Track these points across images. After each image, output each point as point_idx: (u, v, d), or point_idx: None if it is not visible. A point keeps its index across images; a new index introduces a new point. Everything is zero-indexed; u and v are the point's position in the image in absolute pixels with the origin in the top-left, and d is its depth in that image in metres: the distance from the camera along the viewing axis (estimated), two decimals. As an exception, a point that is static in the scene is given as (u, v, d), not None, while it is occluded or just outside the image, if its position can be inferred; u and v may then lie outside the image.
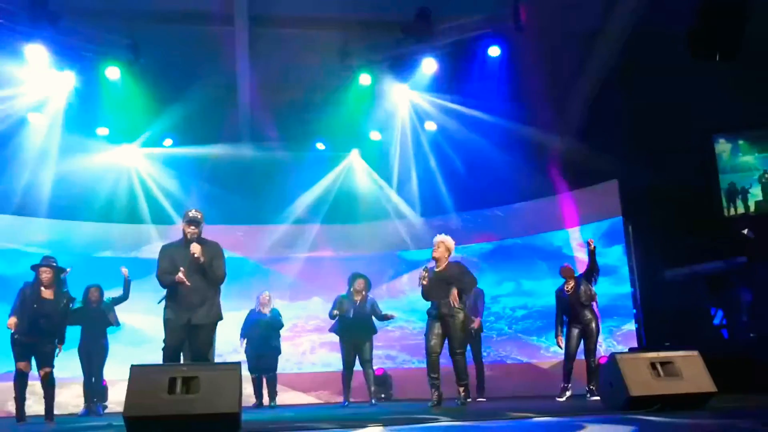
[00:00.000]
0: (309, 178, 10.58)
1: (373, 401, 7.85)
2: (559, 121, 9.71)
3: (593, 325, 7.18)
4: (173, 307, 5.19)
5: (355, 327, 7.81)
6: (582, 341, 7.19)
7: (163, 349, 5.16)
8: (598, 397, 7.01)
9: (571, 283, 7.25)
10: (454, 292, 6.33)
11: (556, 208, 9.80)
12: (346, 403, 7.76)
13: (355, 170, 10.77)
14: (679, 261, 8.10)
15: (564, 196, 9.70)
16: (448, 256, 6.60)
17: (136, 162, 10.18)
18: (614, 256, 9.15)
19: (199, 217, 5.35)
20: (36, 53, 8.24)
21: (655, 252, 8.50)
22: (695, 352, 4.56)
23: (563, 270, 7.39)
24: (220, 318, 5.36)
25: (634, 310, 8.83)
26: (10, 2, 7.84)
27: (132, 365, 3.90)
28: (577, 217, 9.67)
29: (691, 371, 4.42)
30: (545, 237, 9.98)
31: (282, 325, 8.69)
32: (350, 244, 10.77)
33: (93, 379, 8.15)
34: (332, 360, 9.31)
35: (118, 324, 8.36)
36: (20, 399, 6.57)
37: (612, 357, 4.57)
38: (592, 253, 7.07)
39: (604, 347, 8.79)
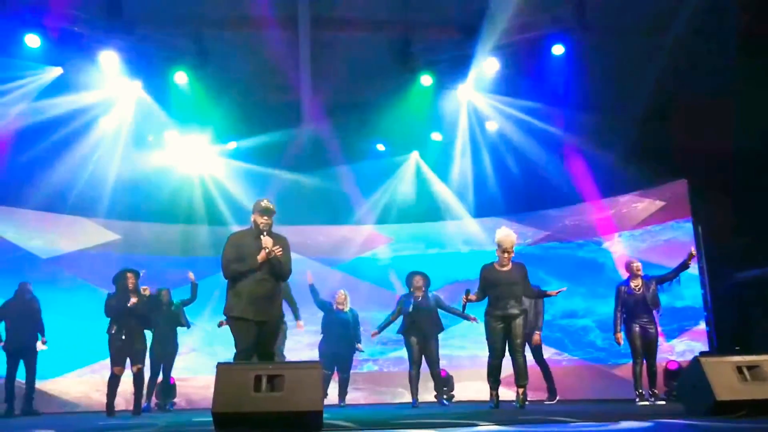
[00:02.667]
0: (369, 179, 10.61)
1: (444, 401, 7.81)
2: (624, 119, 9.52)
3: (653, 328, 7.02)
4: (239, 304, 4.90)
5: (418, 324, 7.71)
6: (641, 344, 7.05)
7: (235, 355, 4.89)
8: (663, 402, 6.91)
9: (639, 282, 7.06)
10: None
11: (619, 209, 9.61)
12: (416, 403, 7.68)
13: (415, 171, 10.75)
14: (750, 263, 7.88)
15: (628, 196, 9.51)
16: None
17: (202, 165, 10.38)
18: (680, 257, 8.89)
19: (272, 207, 5.08)
20: (109, 59, 8.58)
21: (726, 254, 8.28)
22: (784, 356, 4.42)
23: (631, 266, 7.16)
24: (282, 315, 5.30)
25: (705, 313, 8.60)
26: (87, 11, 8.15)
27: (218, 363, 3.99)
28: (642, 219, 9.47)
29: (779, 376, 4.28)
30: (606, 238, 9.79)
31: (359, 326, 8.63)
32: (408, 244, 10.79)
33: (162, 377, 8.41)
34: (395, 359, 9.35)
35: (189, 325, 8.61)
36: (111, 396, 7.12)
37: (696, 360, 4.45)
38: (686, 263, 6.89)
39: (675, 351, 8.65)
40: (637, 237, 9.47)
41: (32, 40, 8.12)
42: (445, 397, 9.15)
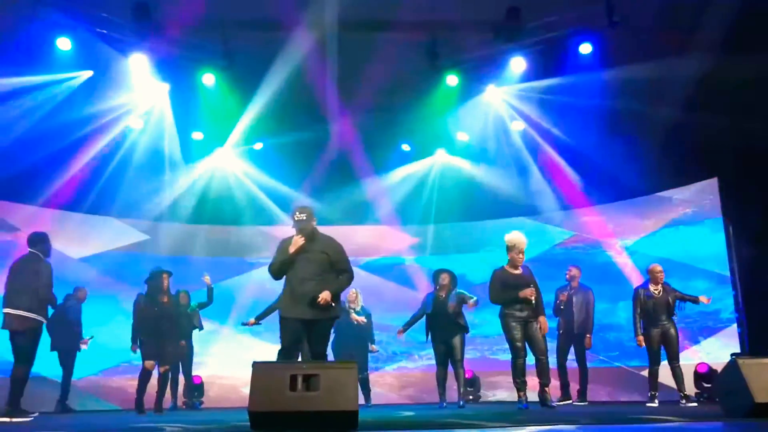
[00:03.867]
0: (394, 179, 10.61)
1: (461, 403, 7.77)
2: (652, 118, 9.42)
3: (673, 330, 7.08)
4: (285, 303, 5.10)
5: (441, 323, 7.66)
6: (662, 346, 7.09)
7: (278, 352, 5.03)
8: (695, 404, 6.85)
9: (659, 287, 7.10)
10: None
11: (648, 208, 9.51)
12: (444, 404, 7.67)
13: (440, 171, 10.73)
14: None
15: (657, 194, 9.40)
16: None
17: (228, 165, 10.47)
18: (710, 257, 8.80)
19: (297, 213, 5.12)
20: (138, 62, 8.66)
21: (758, 254, 8.15)
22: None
23: (653, 271, 7.19)
24: (337, 315, 5.23)
25: (736, 314, 8.48)
26: (117, 14, 8.24)
27: (254, 362, 4.01)
28: (671, 218, 9.37)
29: (820, 378, 4.21)
30: (636, 238, 9.69)
31: (372, 324, 8.68)
32: (433, 245, 10.77)
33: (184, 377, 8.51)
34: (419, 359, 9.34)
35: (201, 327, 8.70)
36: (141, 391, 7.25)
37: (733, 361, 4.40)
38: (697, 301, 7.20)
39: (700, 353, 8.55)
40: (666, 236, 9.37)
41: (63, 44, 8.23)
42: (471, 397, 9.21)
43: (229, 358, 9.78)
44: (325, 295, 4.95)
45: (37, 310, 5.99)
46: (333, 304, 5.07)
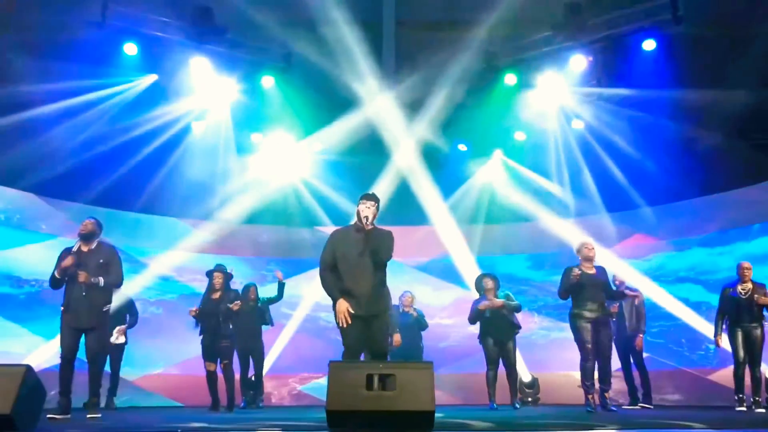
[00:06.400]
0: (451, 179, 10.55)
1: (516, 405, 7.72)
2: (716, 116, 9.16)
3: (759, 331, 6.79)
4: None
5: (494, 326, 7.65)
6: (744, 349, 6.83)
7: (343, 353, 4.89)
8: (763, 410, 6.63)
9: (748, 286, 6.82)
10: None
11: (720, 206, 9.23)
12: (494, 405, 7.62)
13: (497, 171, 10.64)
14: None
15: (729, 192, 9.13)
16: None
17: (288, 166, 10.54)
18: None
19: (373, 193, 5.09)
20: (201, 65, 8.84)
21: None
22: None
23: (742, 268, 6.92)
24: (388, 308, 5.16)
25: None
26: (180, 18, 8.43)
27: (330, 361, 4.04)
28: (735, 219, 9.08)
29: None
30: (699, 239, 9.43)
31: (426, 326, 8.64)
32: (486, 245, 10.67)
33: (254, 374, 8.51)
34: (470, 360, 9.28)
35: (272, 323, 8.72)
36: (211, 391, 7.41)
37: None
38: None
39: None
40: (742, 236, 9.07)
41: (130, 49, 8.46)
42: (530, 399, 9.10)
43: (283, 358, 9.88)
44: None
45: None
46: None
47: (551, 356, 9.84)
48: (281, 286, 8.56)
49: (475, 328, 7.89)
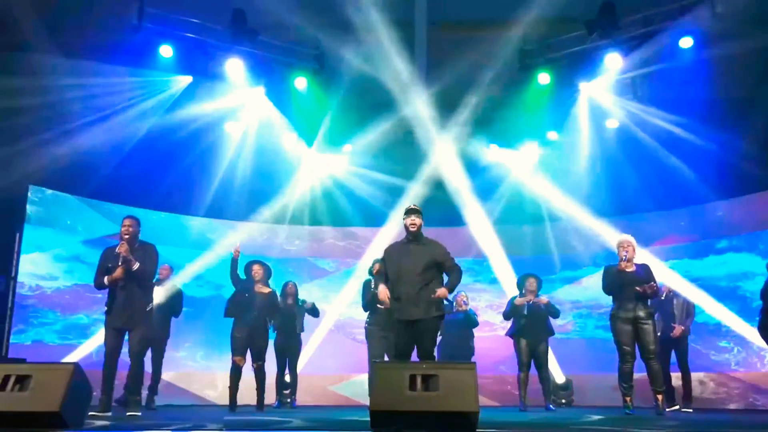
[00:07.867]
0: (484, 179, 10.49)
1: (550, 406, 7.66)
2: (753, 117, 8.98)
3: None
4: (394, 306, 5.19)
5: (529, 327, 7.62)
6: None
7: (393, 354, 5.12)
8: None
9: None
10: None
11: (752, 207, 9.08)
12: (523, 406, 7.54)
13: (530, 170, 10.55)
14: None
15: (758, 196, 8.97)
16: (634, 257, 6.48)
17: (319, 167, 10.58)
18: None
19: (414, 206, 5.35)
20: (234, 67, 8.91)
21: None
22: None
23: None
24: (443, 313, 5.28)
25: None
26: (214, 21, 8.52)
27: (374, 362, 4.06)
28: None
29: None
30: (734, 238, 9.25)
31: (477, 324, 8.55)
32: (519, 246, 10.60)
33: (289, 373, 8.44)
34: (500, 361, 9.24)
35: (303, 329, 8.51)
36: (233, 389, 7.15)
37: None
38: None
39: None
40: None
41: (166, 51, 8.57)
42: (564, 401, 9.01)
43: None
44: (441, 292, 5.11)
45: None
46: (445, 301, 5.21)
47: (586, 357, 9.76)
48: (313, 310, 8.51)
49: (505, 327, 7.86)
